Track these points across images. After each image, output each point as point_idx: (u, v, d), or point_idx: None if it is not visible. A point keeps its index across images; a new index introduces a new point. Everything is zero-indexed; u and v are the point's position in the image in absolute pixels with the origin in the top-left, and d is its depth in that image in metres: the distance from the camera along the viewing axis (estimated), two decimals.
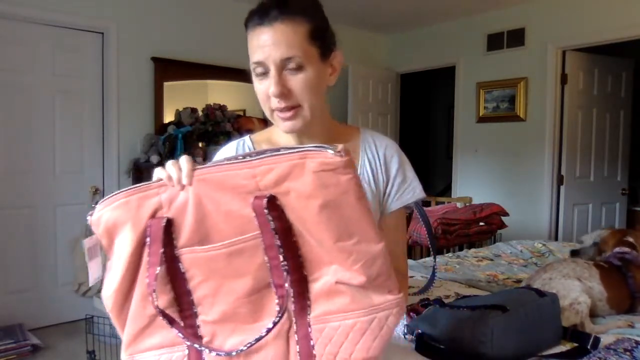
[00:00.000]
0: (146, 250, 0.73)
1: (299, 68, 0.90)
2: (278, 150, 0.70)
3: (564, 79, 3.95)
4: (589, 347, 1.19)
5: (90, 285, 0.78)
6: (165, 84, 3.73)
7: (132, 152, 3.58)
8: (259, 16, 0.90)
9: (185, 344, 0.75)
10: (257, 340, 0.72)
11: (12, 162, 3.21)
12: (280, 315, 0.72)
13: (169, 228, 0.72)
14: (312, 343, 0.73)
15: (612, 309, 1.54)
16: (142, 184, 0.74)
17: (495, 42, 4.31)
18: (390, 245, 1.05)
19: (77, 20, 3.37)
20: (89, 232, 0.77)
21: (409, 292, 1.67)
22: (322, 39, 0.94)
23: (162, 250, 0.72)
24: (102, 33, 3.49)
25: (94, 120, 3.53)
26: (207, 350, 0.75)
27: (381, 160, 1.05)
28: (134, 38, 3.59)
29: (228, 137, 3.71)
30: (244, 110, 4.12)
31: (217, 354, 0.74)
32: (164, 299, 0.74)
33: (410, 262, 2.36)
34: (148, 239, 0.73)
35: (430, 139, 6.83)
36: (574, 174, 4.06)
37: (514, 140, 4.24)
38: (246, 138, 1.06)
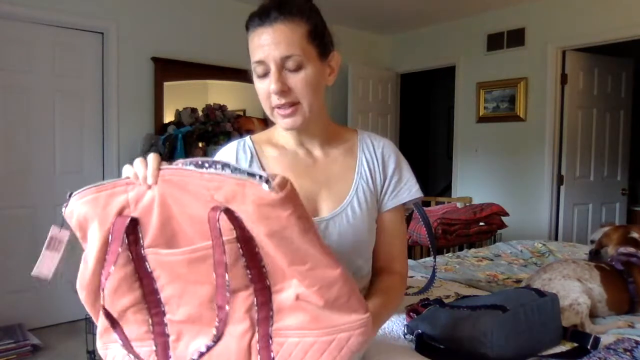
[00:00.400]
0: (106, 239, 0.74)
1: (299, 66, 0.92)
2: (228, 165, 0.67)
3: (564, 79, 3.95)
4: (589, 347, 1.19)
5: (32, 274, 0.77)
6: (165, 84, 3.73)
7: (132, 152, 3.57)
8: (260, 17, 0.92)
9: (151, 339, 0.77)
10: (202, 354, 0.74)
11: (12, 162, 3.21)
12: (215, 340, 0.72)
13: (135, 227, 0.72)
14: (272, 355, 0.72)
15: (611, 311, 1.53)
16: (112, 180, 0.73)
17: (495, 42, 4.31)
18: (386, 244, 1.07)
19: (77, 20, 3.37)
20: (64, 224, 0.77)
21: (409, 292, 1.67)
22: (320, 39, 0.96)
23: (120, 249, 0.71)
24: (102, 33, 3.49)
25: (94, 120, 3.53)
26: (177, 345, 0.76)
27: (379, 159, 1.06)
28: (134, 38, 3.59)
29: (228, 137, 3.71)
30: (244, 110, 4.12)
31: (190, 358, 0.75)
32: (132, 296, 0.75)
33: (410, 262, 2.36)
34: (110, 237, 0.72)
35: (430, 139, 6.83)
36: (574, 174, 4.06)
37: (514, 140, 4.24)
38: (247, 139, 1.07)
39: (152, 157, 0.71)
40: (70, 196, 0.75)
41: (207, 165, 0.68)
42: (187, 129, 3.55)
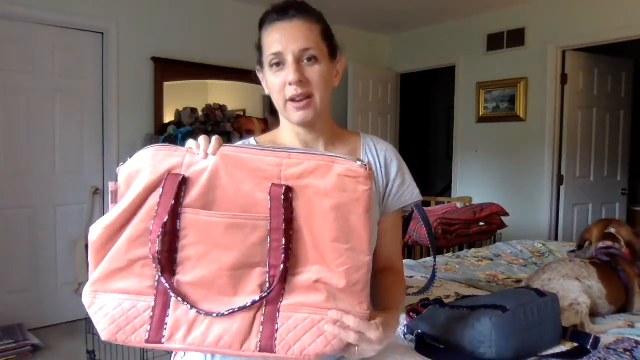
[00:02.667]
0: (152, 200, 0.79)
1: (314, 60, 0.97)
2: (308, 151, 0.79)
3: (564, 79, 3.95)
4: (589, 347, 1.19)
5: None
6: (165, 84, 3.73)
7: (132, 152, 3.51)
8: (278, 14, 0.98)
9: (152, 295, 0.78)
10: (241, 308, 0.76)
11: (12, 162, 3.21)
12: (269, 291, 0.77)
13: (181, 186, 0.78)
14: (276, 327, 0.78)
15: (611, 305, 1.55)
16: (175, 146, 0.82)
17: (495, 42, 4.31)
18: (388, 244, 1.09)
19: (77, 20, 3.37)
20: (116, 178, 0.85)
21: (409, 293, 1.67)
22: (331, 40, 1.03)
23: (172, 203, 0.77)
24: (102, 33, 3.49)
25: (94, 120, 3.53)
26: (180, 307, 0.77)
27: (381, 162, 1.09)
28: (134, 38, 3.59)
29: (228, 137, 3.71)
30: (244, 110, 4.12)
31: (197, 312, 0.77)
32: (147, 249, 0.78)
33: (410, 262, 2.36)
34: (161, 190, 0.78)
35: (430, 139, 6.83)
36: (574, 174, 4.06)
37: (514, 140, 4.24)
38: (251, 140, 1.10)
39: (216, 137, 0.81)
40: (130, 157, 0.84)
41: (282, 149, 0.79)
42: (187, 129, 3.55)
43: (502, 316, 1.15)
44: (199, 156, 0.79)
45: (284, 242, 0.76)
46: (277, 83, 0.98)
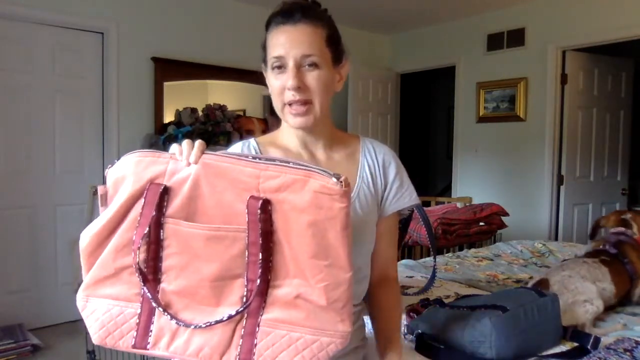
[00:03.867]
0: (136, 210, 0.79)
1: (315, 66, 0.96)
2: (287, 162, 0.77)
3: (564, 79, 3.95)
4: (589, 347, 1.19)
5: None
6: (165, 84, 3.73)
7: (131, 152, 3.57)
8: (283, 16, 0.97)
9: (139, 302, 0.80)
10: (217, 322, 0.76)
11: (12, 162, 3.21)
12: (246, 305, 0.76)
13: (163, 195, 0.79)
14: (255, 342, 0.77)
15: (615, 298, 1.60)
16: (159, 151, 0.81)
17: (495, 42, 4.31)
18: (384, 250, 1.10)
19: (77, 20, 3.37)
20: (104, 181, 0.87)
21: (409, 293, 1.67)
22: (336, 46, 1.03)
23: (154, 214, 0.77)
24: (102, 33, 3.49)
25: (94, 120, 3.53)
26: (163, 315, 0.78)
27: (380, 165, 1.09)
28: (134, 38, 3.59)
29: (228, 137, 3.71)
30: (244, 110, 4.12)
31: (177, 323, 0.78)
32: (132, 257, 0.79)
33: (410, 262, 2.36)
34: (143, 200, 0.79)
35: (430, 139, 6.83)
36: (574, 174, 4.06)
37: (514, 140, 4.24)
38: (251, 140, 1.09)
39: (198, 142, 0.80)
40: (118, 159, 0.84)
41: (263, 159, 0.78)
42: (187, 129, 3.56)
43: (502, 316, 1.15)
44: (182, 163, 0.79)
45: (260, 256, 0.75)
46: (277, 86, 0.98)
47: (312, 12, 0.98)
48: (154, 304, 0.78)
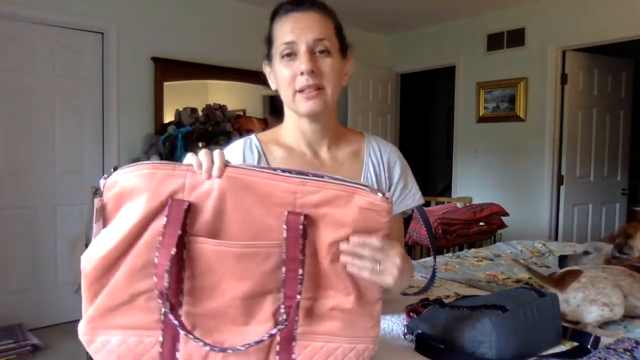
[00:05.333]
0: (154, 228, 0.72)
1: (327, 52, 0.96)
2: (322, 175, 0.75)
3: (564, 79, 3.95)
4: (589, 346, 1.19)
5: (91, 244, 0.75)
6: (165, 84, 3.73)
7: (132, 152, 3.58)
8: (292, 4, 0.97)
9: (159, 330, 0.73)
10: (258, 342, 0.72)
11: (12, 162, 3.21)
12: (286, 323, 0.73)
13: (187, 213, 0.72)
14: (293, 357, 0.75)
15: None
16: (171, 162, 0.74)
17: (495, 42, 4.31)
18: None
19: (77, 20, 3.37)
20: (100, 193, 0.75)
21: (409, 293, 1.67)
22: (342, 38, 1.02)
23: (179, 233, 0.71)
24: (102, 33, 3.49)
25: (94, 120, 3.53)
26: (191, 341, 0.72)
27: (385, 165, 1.08)
28: (134, 38, 3.59)
29: (228, 137, 3.71)
30: (244, 110, 4.12)
31: (211, 348, 0.72)
32: (152, 282, 0.72)
33: None
34: (165, 218, 0.72)
35: (430, 139, 6.83)
36: (574, 174, 4.06)
37: (514, 140, 4.24)
38: (253, 137, 1.07)
39: (218, 153, 0.74)
40: (115, 169, 0.74)
41: (294, 172, 0.75)
42: (187, 129, 3.55)
43: (502, 316, 1.15)
44: (201, 177, 0.73)
45: (301, 272, 0.73)
46: (287, 74, 0.96)
47: (321, 3, 0.99)
48: (180, 330, 0.72)
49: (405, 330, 1.28)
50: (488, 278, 2.12)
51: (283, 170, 0.75)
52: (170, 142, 3.47)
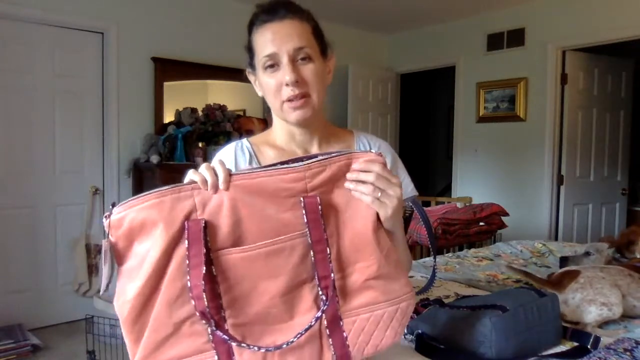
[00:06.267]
0: (178, 254, 0.72)
1: (309, 59, 0.95)
2: (315, 156, 0.79)
3: (564, 79, 3.95)
4: (589, 346, 1.19)
5: (101, 292, 0.75)
6: (165, 84, 3.73)
7: (132, 152, 3.58)
8: (267, 14, 0.96)
9: (212, 349, 0.74)
10: (308, 329, 0.75)
11: (12, 162, 3.21)
12: (327, 303, 0.76)
13: (205, 231, 0.73)
14: (344, 335, 0.78)
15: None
16: (173, 185, 0.74)
17: (495, 42, 4.31)
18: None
19: (77, 20, 3.37)
20: (106, 234, 0.74)
21: None
22: (321, 39, 1.01)
23: (204, 251, 0.72)
24: (102, 33, 3.49)
25: (94, 120, 3.53)
26: (247, 350, 0.73)
27: None
28: (134, 38, 3.59)
29: (228, 137, 3.71)
30: (244, 110, 4.12)
31: (266, 350, 0.74)
32: (190, 306, 0.72)
33: None
34: (187, 242, 0.72)
35: (430, 139, 6.83)
36: (574, 174, 4.06)
37: (514, 140, 4.24)
38: (244, 140, 1.08)
39: (220, 164, 0.75)
40: (113, 205, 0.73)
41: (298, 160, 0.78)
42: (187, 129, 3.55)
43: (502, 316, 1.15)
44: (208, 192, 0.74)
45: (329, 251, 0.77)
46: (272, 84, 0.96)
47: (295, 7, 0.98)
48: (232, 343, 0.73)
49: (405, 330, 1.28)
50: (488, 278, 2.12)
51: (282, 163, 0.78)
52: (170, 142, 3.47)
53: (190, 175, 0.76)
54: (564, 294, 1.47)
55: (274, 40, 0.94)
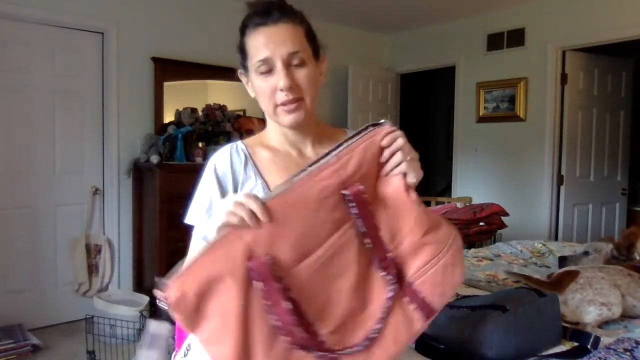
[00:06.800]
0: (255, 297, 0.71)
1: (302, 63, 0.95)
2: (336, 148, 0.80)
3: (564, 79, 3.94)
4: (589, 346, 1.19)
5: None
6: (165, 84, 3.73)
7: (132, 152, 3.58)
8: (261, 16, 0.94)
9: None
10: (386, 309, 0.78)
11: (12, 162, 3.20)
12: (394, 280, 0.79)
13: (270, 265, 0.72)
14: (422, 295, 0.83)
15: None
16: (215, 238, 0.73)
17: (495, 42, 4.31)
18: None
19: (77, 20, 3.37)
20: (165, 315, 0.72)
21: None
22: (314, 41, 1.01)
23: (278, 285, 0.72)
24: (102, 33, 3.49)
25: (94, 120, 3.53)
26: (347, 356, 0.76)
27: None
28: (134, 38, 3.59)
29: (228, 137, 3.71)
30: (244, 110, 4.12)
31: (364, 346, 0.76)
32: (284, 339, 0.73)
33: None
34: (259, 284, 0.71)
35: (430, 139, 6.83)
36: (574, 174, 4.06)
37: (514, 140, 4.24)
38: (238, 142, 1.07)
39: (248, 197, 0.74)
40: (165, 283, 0.69)
41: (324, 156, 0.79)
42: (187, 129, 3.55)
43: (502, 316, 1.15)
44: (252, 228, 0.73)
45: (381, 232, 0.81)
46: (266, 88, 0.96)
47: (288, 9, 0.97)
48: (333, 355, 0.75)
49: None
50: (488, 278, 2.12)
51: (310, 166, 0.79)
52: (170, 142, 3.47)
53: (226, 216, 0.74)
54: (563, 294, 1.47)
55: (267, 44, 0.93)
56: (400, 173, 0.84)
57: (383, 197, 0.83)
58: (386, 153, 0.84)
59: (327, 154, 0.79)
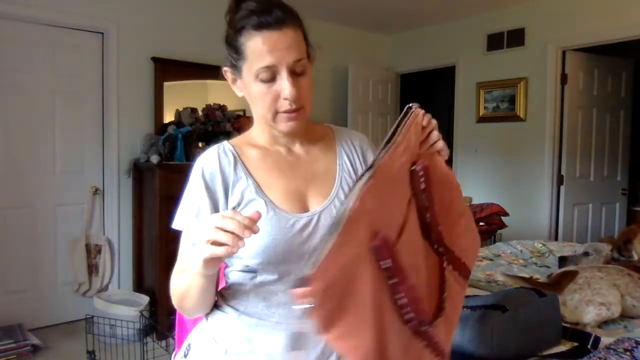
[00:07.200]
0: (381, 276, 0.69)
1: (304, 70, 0.93)
2: (401, 120, 0.86)
3: (564, 79, 3.94)
4: (589, 346, 1.19)
5: None
6: (165, 84, 3.73)
7: (132, 152, 3.57)
8: (261, 16, 0.89)
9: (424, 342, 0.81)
10: (441, 281, 0.85)
11: (12, 162, 3.21)
12: (445, 252, 0.86)
13: (389, 245, 0.74)
14: (462, 261, 0.90)
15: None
16: (334, 222, 0.68)
17: (495, 42, 4.31)
18: None
19: (77, 20, 3.37)
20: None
21: None
22: (308, 41, 0.98)
23: (401, 261, 0.73)
24: (102, 33, 3.49)
25: (94, 120, 3.53)
26: (432, 330, 0.81)
27: (358, 150, 1.09)
28: (134, 38, 3.59)
29: (228, 137, 3.70)
30: (244, 110, 4.11)
31: (441, 317, 0.83)
32: (407, 317, 0.77)
33: None
34: (384, 262, 0.70)
35: None
36: (574, 174, 4.06)
37: (514, 140, 4.24)
38: (225, 143, 1.03)
39: (240, 217, 0.73)
40: (304, 277, 0.63)
41: (390, 136, 0.82)
42: (187, 129, 3.55)
43: (502, 316, 1.15)
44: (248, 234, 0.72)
45: (435, 205, 0.86)
46: (268, 94, 0.92)
47: (287, 9, 0.92)
48: (431, 329, 0.81)
49: None
50: (488, 278, 2.11)
51: (385, 145, 0.80)
52: (170, 142, 3.47)
53: (213, 232, 0.74)
54: (562, 295, 1.47)
55: (273, 52, 0.89)
56: (439, 149, 0.92)
57: (435, 173, 0.89)
58: (427, 131, 0.91)
59: (393, 133, 0.82)
